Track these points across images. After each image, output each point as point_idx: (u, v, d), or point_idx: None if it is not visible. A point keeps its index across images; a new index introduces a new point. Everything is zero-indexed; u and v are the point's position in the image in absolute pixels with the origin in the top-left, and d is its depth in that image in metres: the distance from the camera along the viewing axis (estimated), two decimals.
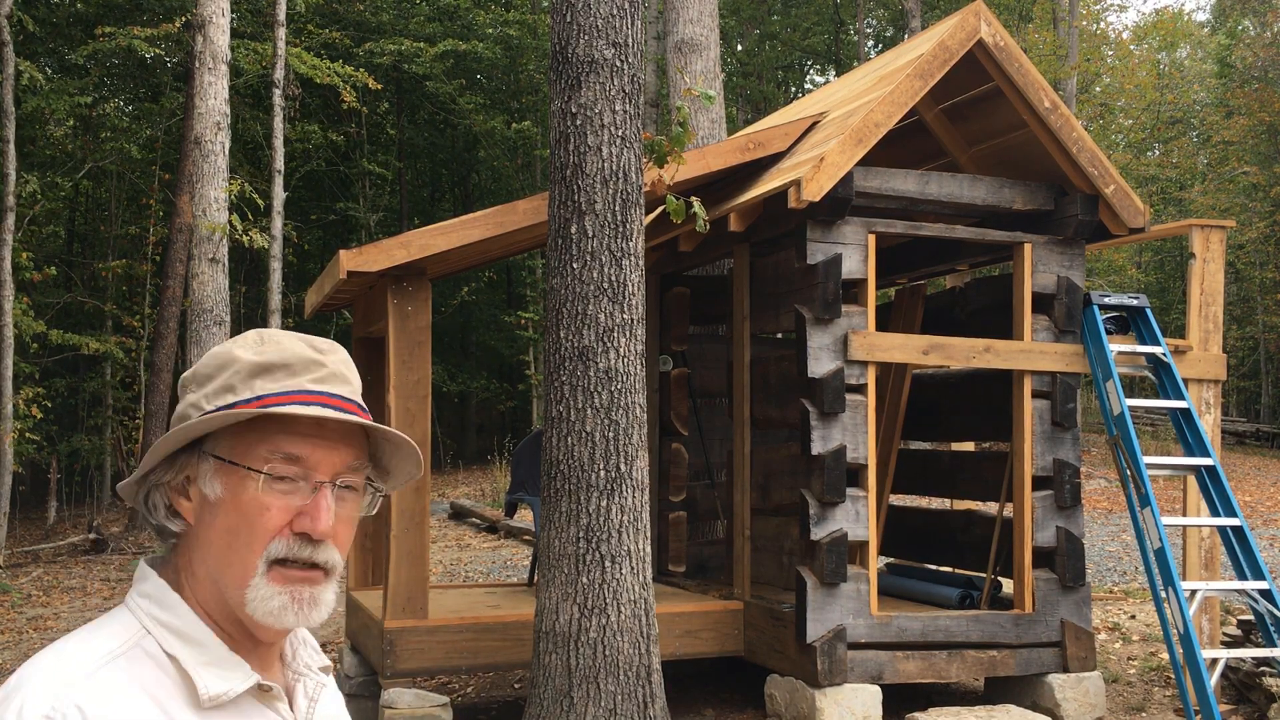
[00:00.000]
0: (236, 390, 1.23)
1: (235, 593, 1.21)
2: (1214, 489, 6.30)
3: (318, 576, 1.23)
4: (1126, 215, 6.48)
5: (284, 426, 1.22)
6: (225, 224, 7.98)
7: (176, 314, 16.78)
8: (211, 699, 1.19)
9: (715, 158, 6.62)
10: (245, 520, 1.21)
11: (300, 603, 1.22)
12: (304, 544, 1.22)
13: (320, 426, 1.23)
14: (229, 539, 1.22)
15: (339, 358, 1.28)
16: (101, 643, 1.20)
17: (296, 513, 1.22)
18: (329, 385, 1.25)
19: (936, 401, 7.91)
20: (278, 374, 1.24)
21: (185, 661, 1.20)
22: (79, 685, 1.14)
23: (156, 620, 1.22)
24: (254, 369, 1.24)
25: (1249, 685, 6.47)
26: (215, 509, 1.23)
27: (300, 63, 16.64)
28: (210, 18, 8.11)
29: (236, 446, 1.23)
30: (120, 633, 1.21)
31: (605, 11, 5.29)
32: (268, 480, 1.21)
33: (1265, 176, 27.01)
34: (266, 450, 1.22)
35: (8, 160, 13.77)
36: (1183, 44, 36.96)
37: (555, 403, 5.28)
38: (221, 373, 1.25)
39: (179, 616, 1.23)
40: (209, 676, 1.20)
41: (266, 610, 1.21)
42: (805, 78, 32.83)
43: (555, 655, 5.16)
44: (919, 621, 6.18)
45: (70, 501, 21.05)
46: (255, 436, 1.23)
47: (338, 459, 1.24)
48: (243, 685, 1.22)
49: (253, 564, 1.21)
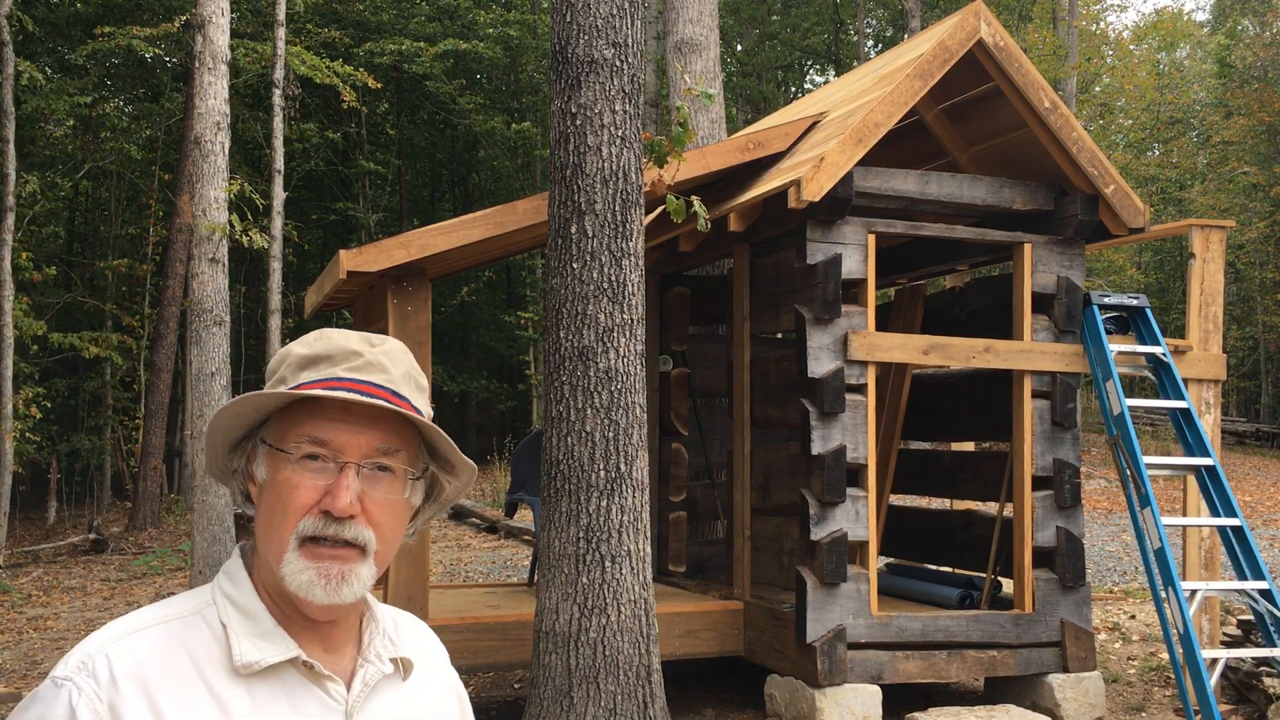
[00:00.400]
0: (286, 381, 1.32)
1: (276, 567, 1.29)
2: (1214, 489, 6.30)
3: (349, 554, 1.29)
4: (1126, 215, 6.48)
5: (314, 411, 1.30)
6: (225, 224, 7.98)
7: (176, 314, 16.78)
8: (245, 666, 1.27)
9: (715, 158, 6.62)
10: (280, 499, 1.29)
11: (329, 578, 1.27)
12: (329, 521, 1.28)
13: (347, 410, 1.30)
14: (269, 517, 1.31)
15: (383, 349, 1.34)
16: (168, 608, 1.31)
17: (324, 492, 1.28)
18: (361, 373, 1.31)
19: (936, 401, 7.91)
20: (320, 365, 1.32)
21: (233, 630, 1.29)
22: (119, 641, 1.26)
23: (223, 592, 1.33)
24: (302, 361, 1.33)
25: (1249, 685, 6.48)
26: (264, 490, 1.33)
27: (300, 62, 16.63)
28: (210, 17, 8.11)
29: (277, 432, 1.32)
30: (190, 601, 1.33)
31: (605, 11, 5.29)
32: (297, 461, 1.29)
33: (1265, 176, 27.01)
34: (297, 434, 1.30)
35: (8, 160, 13.77)
36: (1182, 44, 36.95)
37: (555, 403, 5.28)
38: (280, 366, 1.35)
39: (240, 590, 1.32)
40: (246, 645, 1.28)
41: (298, 584, 1.27)
42: (805, 78, 32.83)
43: (555, 655, 5.16)
44: (919, 621, 6.18)
45: (70, 501, 21.05)
46: (291, 421, 1.31)
47: (364, 441, 1.30)
48: (276, 657, 1.28)
49: (286, 540, 1.28)
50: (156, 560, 13.69)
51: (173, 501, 19.14)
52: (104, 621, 10.57)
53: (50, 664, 8.57)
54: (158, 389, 16.89)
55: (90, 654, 1.24)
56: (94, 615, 10.49)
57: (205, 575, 7.68)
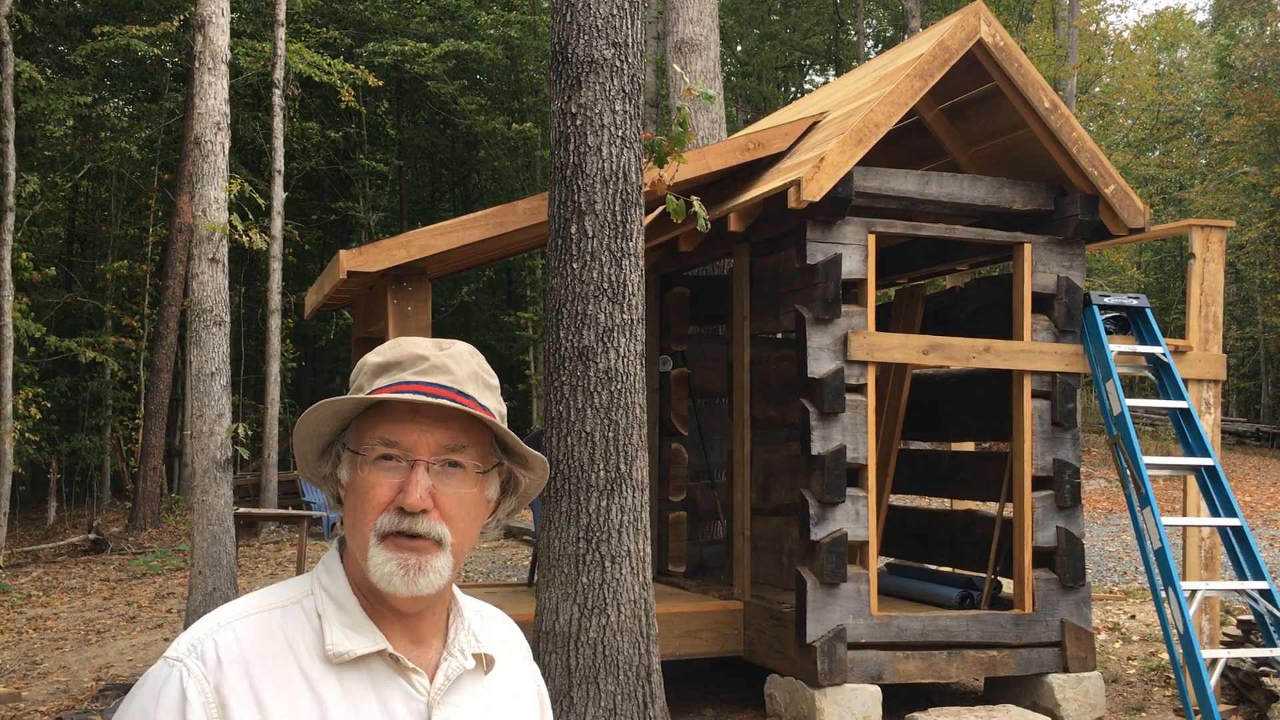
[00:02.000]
0: (363, 389, 1.41)
1: (362, 562, 1.36)
2: (1214, 489, 6.30)
3: (427, 546, 1.35)
4: (1126, 215, 6.48)
5: (385, 414, 1.38)
6: (225, 224, 7.97)
7: (176, 314, 16.78)
8: (336, 655, 1.34)
9: (715, 158, 6.62)
10: (360, 498, 1.37)
11: (408, 569, 1.34)
12: (402, 516, 1.35)
13: (415, 411, 1.37)
14: (353, 516, 1.38)
15: (450, 352, 1.42)
16: (270, 595, 1.40)
17: (398, 489, 1.35)
18: (427, 375, 1.38)
19: (936, 401, 7.91)
20: (391, 371, 1.40)
21: (327, 620, 1.37)
22: (227, 625, 1.34)
23: (321, 584, 1.41)
24: (376, 369, 1.42)
25: (1249, 685, 6.47)
26: (348, 491, 1.41)
27: (299, 60, 16.63)
28: (210, 17, 8.10)
29: (355, 437, 1.40)
30: (292, 589, 1.41)
31: (605, 11, 5.29)
32: (372, 461, 1.37)
33: (1265, 176, 27.01)
34: (371, 437, 1.37)
35: (8, 160, 13.76)
36: (1182, 44, 36.95)
37: (555, 403, 5.28)
38: (358, 376, 1.44)
39: (335, 583, 1.40)
40: (338, 635, 1.36)
41: (380, 575, 1.34)
42: (805, 78, 32.83)
43: (555, 655, 5.16)
44: (919, 621, 6.18)
45: (70, 501, 21.05)
46: (367, 426, 1.39)
47: (433, 440, 1.37)
48: (364, 648, 1.35)
49: (368, 535, 1.35)
50: (156, 560, 13.69)
51: (173, 501, 19.15)
52: (104, 621, 10.55)
53: (50, 664, 8.57)
54: (158, 389, 16.88)
55: (200, 637, 1.33)
56: (94, 615, 10.49)
57: (205, 575, 7.67)
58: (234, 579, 7.86)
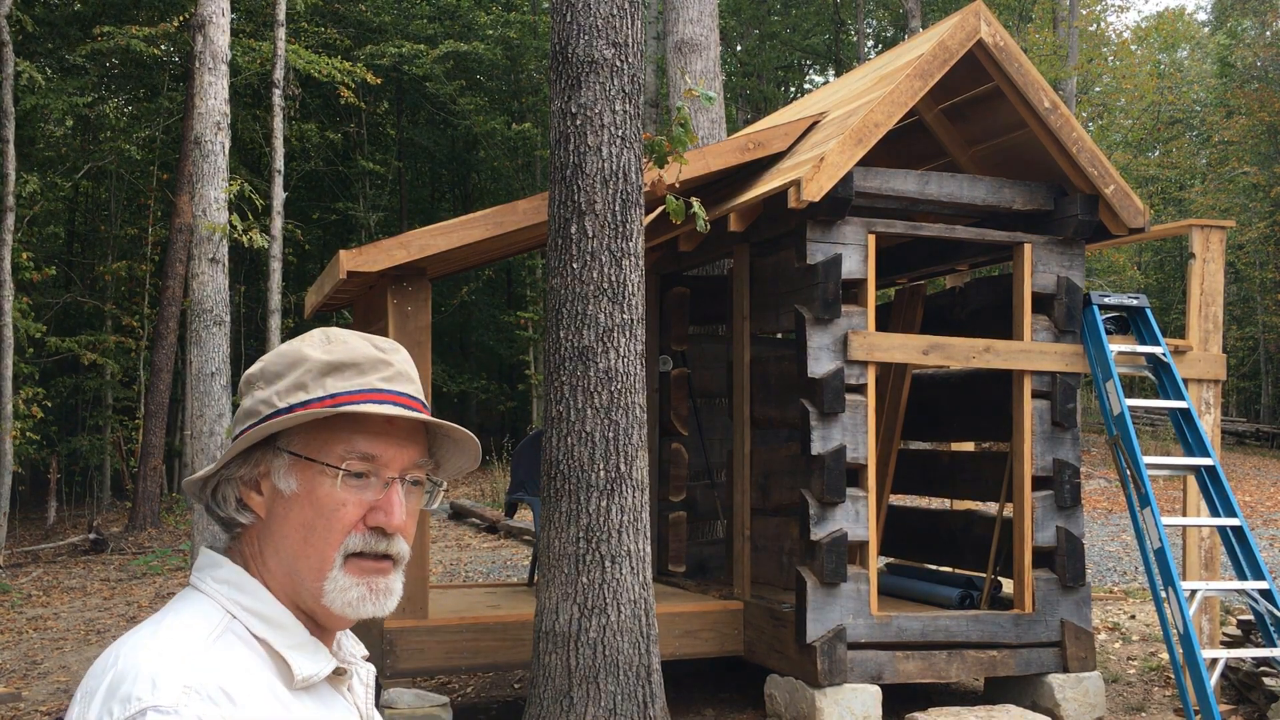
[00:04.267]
0: (308, 388, 1.27)
1: (313, 584, 1.25)
2: (1214, 489, 6.30)
3: (388, 567, 1.28)
4: (1126, 215, 6.48)
5: (358, 425, 1.27)
6: (225, 224, 7.97)
7: (176, 314, 16.78)
8: (304, 680, 1.25)
9: (715, 158, 6.62)
10: (322, 515, 1.25)
11: (376, 592, 1.27)
12: (379, 538, 1.27)
13: (391, 424, 1.28)
14: (305, 533, 1.26)
15: (402, 357, 1.32)
16: (198, 624, 1.23)
17: (369, 507, 1.26)
18: (397, 384, 1.29)
19: (936, 401, 7.91)
20: (348, 372, 1.28)
21: (276, 644, 1.25)
22: (200, 659, 1.18)
23: (240, 605, 1.26)
24: (325, 367, 1.28)
25: (1249, 685, 6.47)
26: (290, 503, 1.27)
27: (298, 58, 16.63)
28: (210, 17, 8.10)
29: (311, 443, 1.27)
30: (209, 614, 1.24)
31: (605, 11, 5.29)
32: (345, 477, 1.25)
33: (1265, 176, 27.01)
34: (343, 448, 1.26)
35: (8, 160, 13.76)
36: (1183, 44, 36.95)
37: (555, 403, 5.28)
38: (292, 370, 1.28)
39: (262, 602, 1.26)
40: (300, 659, 1.25)
41: (345, 601, 1.26)
42: (805, 78, 32.83)
43: (555, 655, 5.16)
44: (919, 621, 6.18)
45: (70, 501, 21.05)
46: (330, 434, 1.27)
47: (406, 456, 1.29)
48: (328, 668, 1.28)
49: (330, 557, 1.25)
50: (156, 560, 13.69)
51: (173, 501, 19.14)
52: (104, 621, 10.52)
53: (50, 664, 8.55)
54: (158, 389, 16.88)
55: (186, 676, 1.15)
56: (94, 615, 10.49)
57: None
58: None
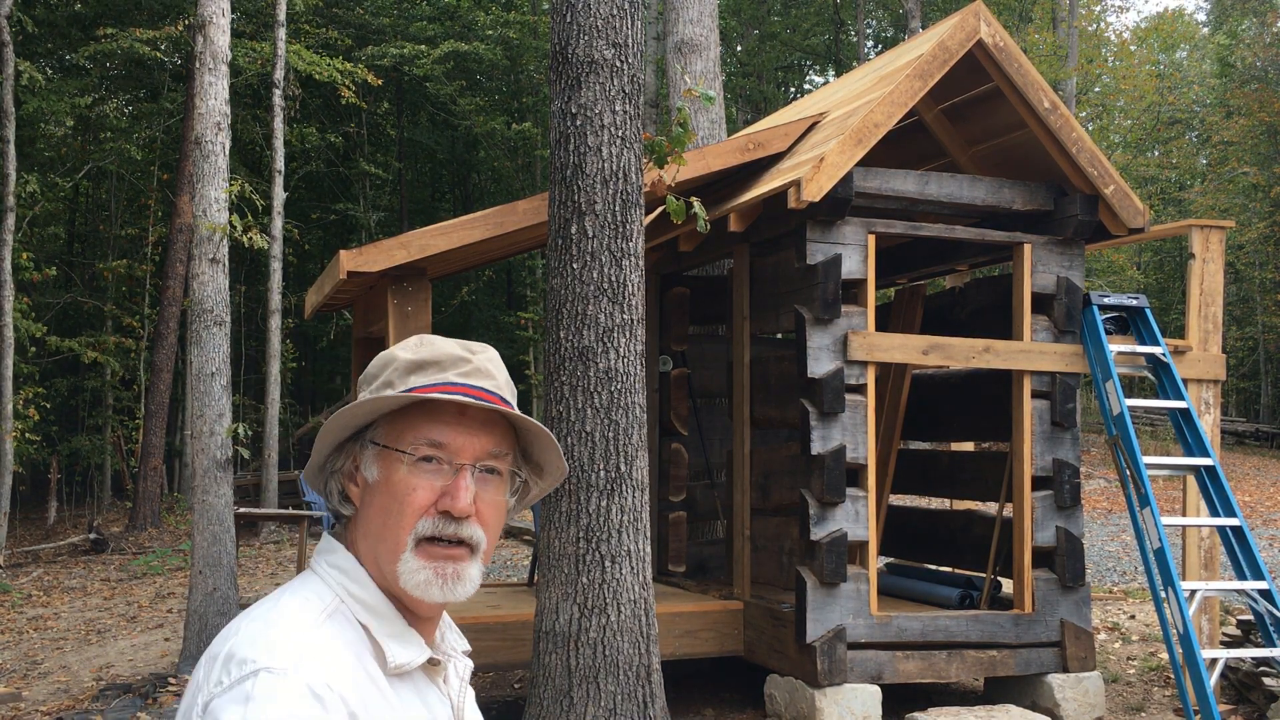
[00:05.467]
0: (394, 385, 1.37)
1: (389, 567, 1.33)
2: (1213, 489, 6.30)
3: (462, 554, 1.34)
4: (1126, 215, 6.48)
5: (430, 415, 1.35)
6: (226, 224, 7.98)
7: (176, 314, 16.78)
8: (397, 667, 1.32)
9: (715, 158, 6.62)
10: (396, 500, 1.33)
11: (445, 578, 1.32)
12: (448, 521, 1.33)
13: (462, 414, 1.35)
14: (383, 517, 1.34)
15: (487, 356, 1.40)
16: (312, 602, 1.32)
17: (441, 493, 1.33)
18: (473, 379, 1.37)
19: (936, 401, 7.91)
20: (429, 370, 1.37)
21: (375, 631, 1.33)
22: (313, 631, 1.26)
23: (349, 592, 1.34)
24: (410, 366, 1.38)
25: (1249, 685, 6.48)
26: (374, 491, 1.36)
27: (299, 59, 16.64)
28: (210, 18, 8.11)
29: (390, 433, 1.36)
30: (322, 595, 1.33)
31: (605, 12, 5.29)
32: (414, 462, 1.33)
33: (1265, 177, 27.00)
34: (414, 436, 1.34)
35: (8, 160, 13.77)
36: (1182, 45, 36.94)
37: (555, 403, 5.28)
38: (384, 371, 1.40)
39: (367, 591, 1.35)
40: (395, 647, 1.33)
41: (414, 583, 1.32)
42: (805, 78, 32.84)
43: (555, 655, 5.16)
44: (919, 621, 6.18)
45: (70, 501, 21.05)
46: (405, 424, 1.35)
47: (478, 445, 1.35)
48: (421, 657, 1.35)
49: (403, 540, 1.32)
50: (157, 560, 13.69)
51: (173, 501, 19.15)
52: (104, 621, 10.52)
53: (50, 664, 8.56)
54: (158, 389, 16.89)
55: (298, 644, 1.24)
56: (94, 615, 10.49)
57: (205, 575, 7.68)
58: (234, 579, 7.86)
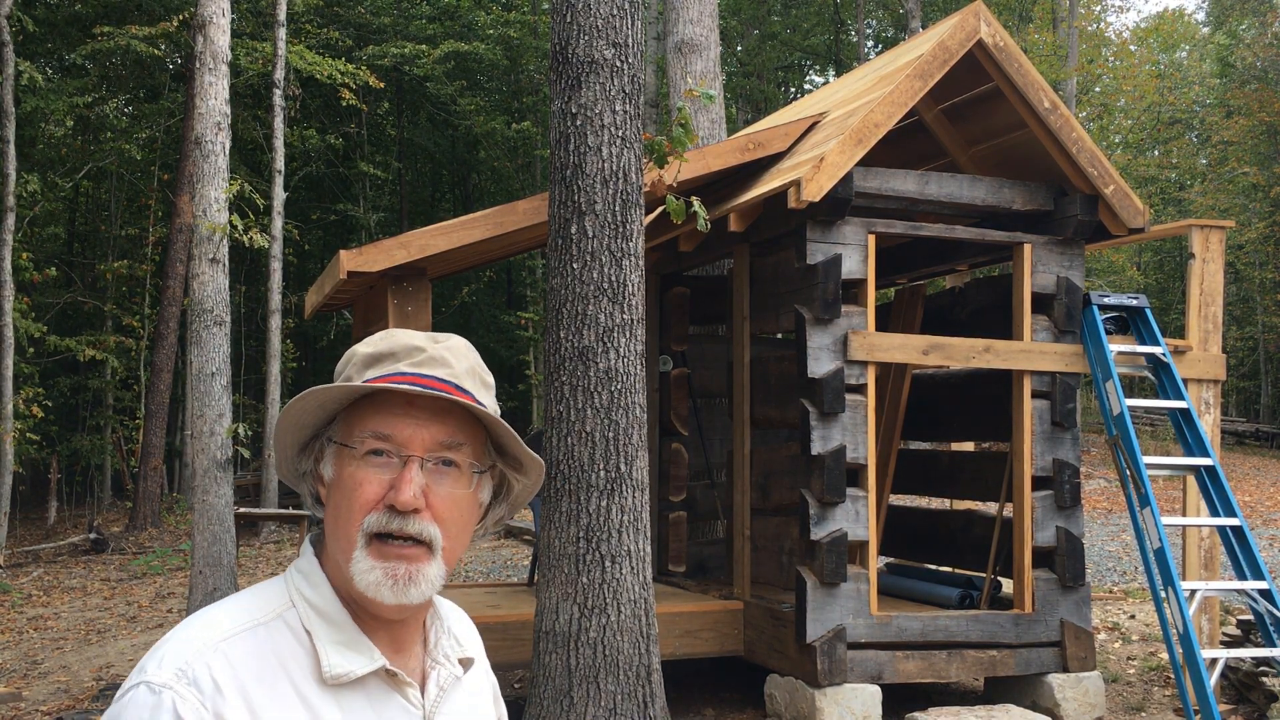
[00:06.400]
0: (352, 379, 1.32)
1: (345, 566, 1.27)
2: (1214, 489, 6.30)
3: (417, 553, 1.27)
4: (1126, 215, 6.48)
5: (378, 407, 1.29)
6: (225, 224, 7.98)
7: (176, 314, 16.79)
8: (334, 677, 1.25)
9: (715, 158, 6.62)
10: (346, 495, 1.28)
11: (397, 578, 1.26)
12: (392, 516, 1.26)
13: (410, 405, 1.29)
14: (336, 514, 1.30)
15: (447, 345, 1.34)
16: (249, 610, 1.28)
17: (389, 487, 1.27)
18: (424, 367, 1.30)
19: (936, 401, 7.91)
20: (385, 362, 1.32)
21: (318, 638, 1.27)
22: (213, 647, 1.22)
23: (302, 595, 1.30)
24: (368, 360, 1.33)
25: (1249, 685, 6.48)
26: (331, 488, 1.32)
27: (300, 59, 16.64)
28: (211, 18, 8.11)
29: (344, 429, 1.31)
30: (269, 602, 1.30)
31: (605, 12, 5.29)
32: (361, 455, 1.28)
33: (1265, 177, 27.01)
34: (361, 429, 1.29)
35: (8, 160, 13.77)
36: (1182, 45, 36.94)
37: (555, 403, 5.28)
38: (346, 366, 1.35)
39: (321, 595, 1.30)
40: (335, 655, 1.27)
41: (366, 583, 1.26)
42: (805, 78, 32.85)
43: (555, 655, 5.16)
44: (919, 621, 6.18)
45: (70, 501, 21.05)
46: (357, 418, 1.30)
47: (428, 435, 1.29)
48: (364, 668, 1.27)
49: (354, 537, 1.27)
50: (157, 560, 13.69)
51: (173, 501, 19.15)
52: (104, 621, 10.53)
53: (50, 664, 8.56)
54: (158, 389, 16.89)
55: (188, 661, 1.20)
56: (94, 615, 10.49)
57: (205, 575, 7.68)
58: (234, 579, 7.86)
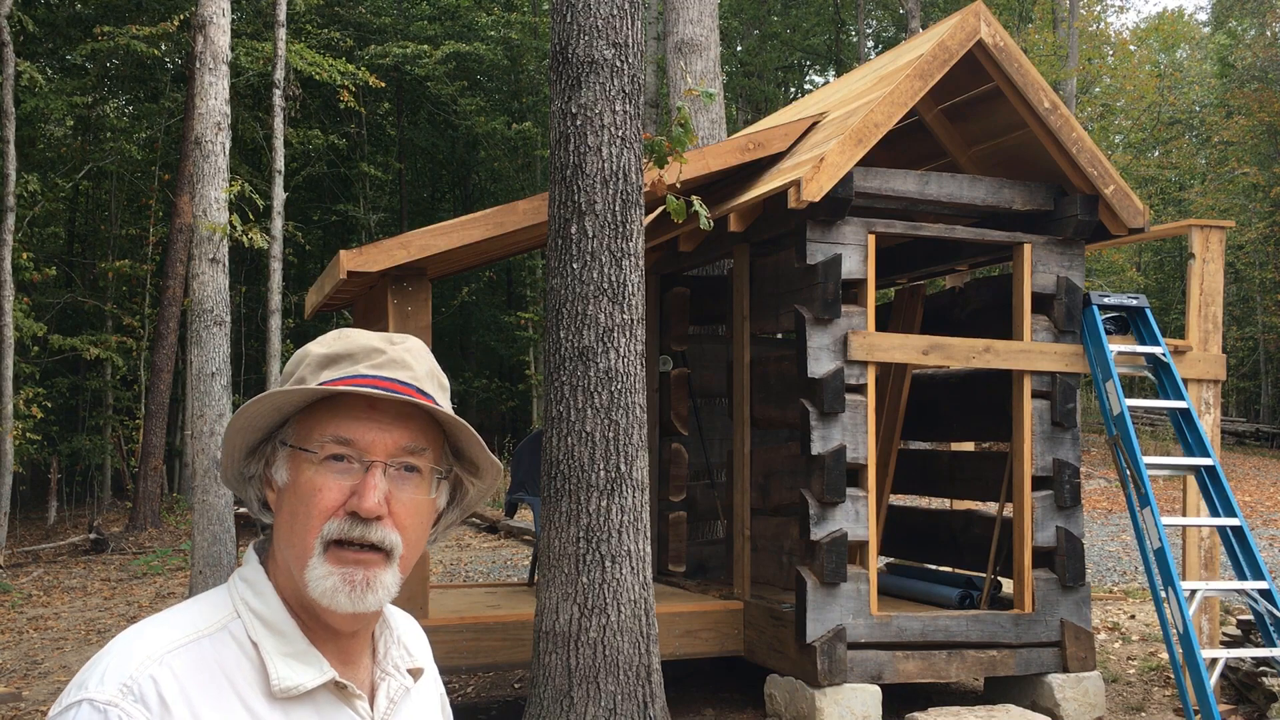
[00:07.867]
0: (306, 381, 1.27)
1: (299, 574, 1.24)
2: (1214, 489, 6.30)
3: (374, 559, 1.24)
4: (1126, 215, 6.48)
5: (338, 410, 1.26)
6: (225, 224, 7.98)
7: (176, 314, 16.79)
8: (283, 690, 1.22)
9: (715, 158, 6.62)
10: (303, 502, 1.24)
11: (353, 585, 1.23)
12: (355, 523, 1.23)
13: (372, 408, 1.26)
14: (291, 521, 1.25)
15: (405, 347, 1.31)
16: (193, 621, 1.24)
17: (350, 493, 1.24)
18: (385, 370, 1.27)
19: (936, 401, 7.91)
20: (341, 363, 1.27)
21: (265, 650, 1.23)
22: (158, 660, 1.18)
23: (248, 605, 1.26)
24: (322, 361, 1.28)
25: (1249, 685, 6.48)
26: (284, 494, 1.27)
27: (300, 59, 16.64)
28: (211, 18, 8.11)
29: (299, 432, 1.27)
30: (213, 612, 1.26)
31: (605, 12, 5.29)
32: (321, 460, 1.24)
33: (1265, 177, 27.02)
34: (320, 433, 1.25)
35: (8, 160, 13.77)
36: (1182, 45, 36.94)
37: (555, 403, 5.29)
38: (298, 367, 1.30)
39: (267, 605, 1.26)
40: (284, 667, 1.23)
41: (321, 590, 1.22)
42: (805, 78, 32.85)
43: (555, 655, 5.16)
44: (919, 621, 6.18)
45: (70, 501, 21.05)
46: (314, 422, 1.26)
47: (391, 440, 1.26)
48: (315, 681, 1.24)
49: (310, 544, 1.23)
50: (157, 560, 13.70)
51: (173, 501, 19.15)
52: (104, 621, 10.53)
53: (50, 664, 8.56)
54: (158, 389, 16.89)
55: (132, 675, 1.16)
56: (94, 615, 10.49)
57: (205, 575, 7.68)
58: None
